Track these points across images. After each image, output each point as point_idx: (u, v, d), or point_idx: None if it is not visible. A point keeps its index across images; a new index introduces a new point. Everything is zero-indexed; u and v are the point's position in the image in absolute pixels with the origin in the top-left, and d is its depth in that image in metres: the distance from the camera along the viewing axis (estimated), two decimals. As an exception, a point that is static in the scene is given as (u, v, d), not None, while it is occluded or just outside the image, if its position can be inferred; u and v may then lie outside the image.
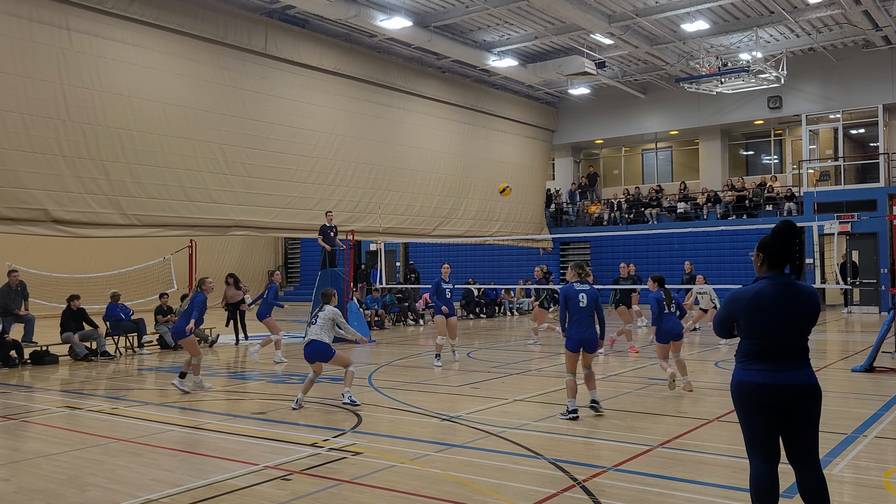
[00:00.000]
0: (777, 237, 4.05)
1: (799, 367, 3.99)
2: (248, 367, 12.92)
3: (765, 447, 4.01)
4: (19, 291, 14.02)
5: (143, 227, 16.24)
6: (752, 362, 4.03)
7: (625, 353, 13.65)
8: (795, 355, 4.00)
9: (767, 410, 3.98)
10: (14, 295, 13.87)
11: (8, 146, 13.94)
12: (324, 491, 5.39)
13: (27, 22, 14.34)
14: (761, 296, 4.00)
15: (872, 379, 10.36)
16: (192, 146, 17.08)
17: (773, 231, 4.09)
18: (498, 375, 11.21)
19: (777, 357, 3.98)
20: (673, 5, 19.78)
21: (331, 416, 8.23)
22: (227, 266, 33.16)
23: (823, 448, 6.44)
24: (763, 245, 4.08)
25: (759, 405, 3.99)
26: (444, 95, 24.48)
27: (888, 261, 22.40)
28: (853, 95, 24.80)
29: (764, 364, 3.99)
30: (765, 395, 3.96)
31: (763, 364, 3.99)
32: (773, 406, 3.98)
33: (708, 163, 29.37)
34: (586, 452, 6.51)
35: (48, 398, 9.89)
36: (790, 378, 3.95)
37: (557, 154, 32.62)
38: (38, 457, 6.53)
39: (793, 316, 3.98)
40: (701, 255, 26.47)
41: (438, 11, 20.30)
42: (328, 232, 17.20)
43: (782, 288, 4.00)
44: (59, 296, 18.60)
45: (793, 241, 4.04)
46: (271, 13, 19.13)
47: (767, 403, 3.97)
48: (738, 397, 4.07)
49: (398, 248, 32.52)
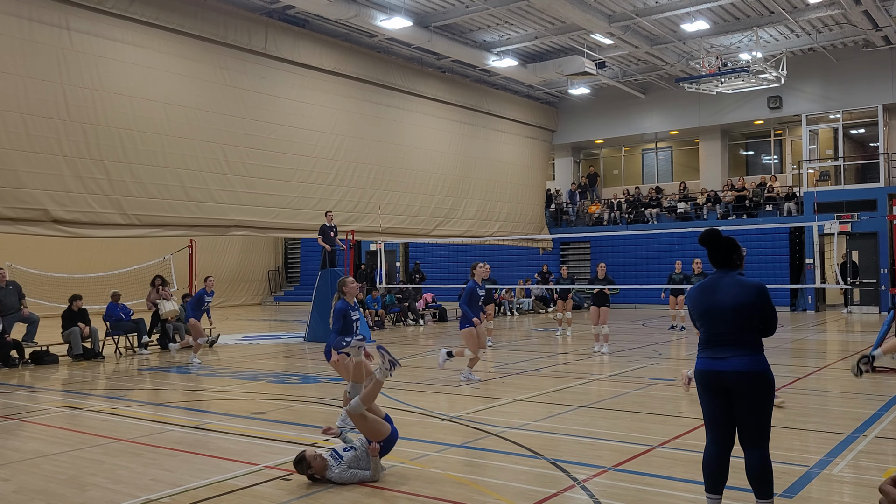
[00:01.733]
0: (703, 244, 4.59)
1: (734, 355, 4.32)
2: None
3: (713, 429, 4.46)
4: (11, 290, 13.88)
5: (144, 227, 16.24)
6: (700, 350, 4.51)
7: (619, 354, 13.66)
8: (730, 343, 4.35)
9: (713, 395, 4.41)
10: (4, 293, 13.73)
11: (8, 146, 13.94)
12: (324, 491, 5.40)
13: (27, 22, 14.33)
14: (700, 290, 4.54)
15: (872, 379, 10.35)
16: (193, 146, 17.08)
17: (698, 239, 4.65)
18: (498, 375, 11.20)
19: (714, 345, 4.40)
20: (673, 5, 19.78)
21: (331, 417, 8.23)
22: (227, 266, 33.28)
23: (824, 448, 6.44)
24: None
25: (705, 390, 4.45)
26: (444, 95, 24.48)
27: (888, 261, 22.41)
28: (853, 95, 24.80)
29: (706, 352, 4.45)
30: (707, 381, 4.42)
31: (705, 352, 4.45)
32: (716, 391, 4.39)
33: (708, 163, 29.37)
34: (586, 452, 6.51)
35: (48, 398, 9.89)
36: (725, 365, 4.32)
37: (557, 154, 32.62)
38: (38, 457, 6.53)
39: (723, 307, 4.37)
40: (701, 255, 26.45)
41: (438, 11, 20.30)
42: (328, 232, 17.20)
43: (718, 283, 4.48)
44: (59, 296, 18.63)
45: (714, 244, 4.52)
46: (271, 13, 19.12)
47: (710, 388, 4.41)
48: (696, 381, 4.56)
49: (398, 248, 32.52)
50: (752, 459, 4.35)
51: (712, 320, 4.41)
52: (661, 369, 11.74)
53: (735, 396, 4.33)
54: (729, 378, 4.31)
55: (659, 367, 11.95)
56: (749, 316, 4.34)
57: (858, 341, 15.18)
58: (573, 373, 11.53)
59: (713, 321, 4.40)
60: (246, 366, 12.96)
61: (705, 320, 4.45)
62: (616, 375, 10.93)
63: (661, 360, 12.95)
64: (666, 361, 12.77)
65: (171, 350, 14.78)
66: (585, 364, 12.43)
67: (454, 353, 10.71)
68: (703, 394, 4.48)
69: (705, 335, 4.46)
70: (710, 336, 4.43)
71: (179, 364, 13.41)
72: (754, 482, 4.36)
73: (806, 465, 5.86)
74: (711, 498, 4.48)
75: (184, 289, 18.58)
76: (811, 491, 5.28)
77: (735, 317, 4.34)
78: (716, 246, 4.53)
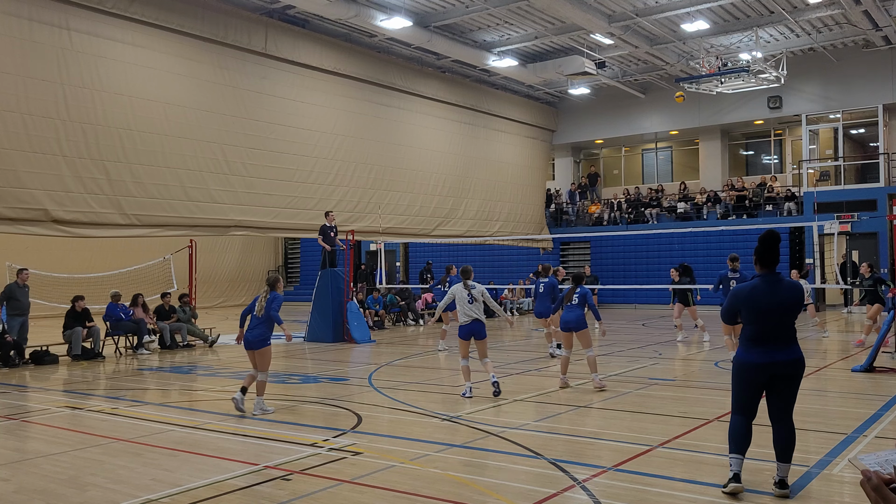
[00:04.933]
0: (763, 243, 5.11)
1: (788, 346, 5.06)
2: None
3: (747, 407, 5.17)
4: (26, 291, 13.93)
5: (143, 227, 16.23)
6: (753, 345, 5.07)
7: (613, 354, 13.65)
8: (784, 337, 5.06)
9: (757, 383, 5.08)
10: (21, 293, 13.78)
11: (8, 146, 13.94)
12: (324, 491, 5.39)
13: (27, 22, 14.33)
14: (756, 291, 5.07)
15: (872, 379, 10.35)
16: (193, 146, 17.08)
17: (759, 238, 5.17)
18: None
19: (771, 340, 5.04)
20: (673, 5, 19.78)
21: (331, 416, 8.23)
22: (227, 266, 33.28)
23: (824, 448, 6.45)
24: (755, 250, 5.16)
25: (753, 379, 5.08)
26: (444, 95, 24.48)
27: (888, 261, 22.40)
28: (853, 95, 24.80)
29: (762, 347, 5.04)
30: (762, 373, 5.04)
31: (762, 347, 5.04)
32: (763, 379, 5.06)
33: (708, 163, 29.37)
34: (586, 452, 6.51)
35: (48, 398, 9.89)
36: (781, 356, 5.02)
37: (557, 154, 32.61)
38: (38, 457, 6.53)
39: (779, 306, 5.02)
40: (701, 255, 26.48)
41: (438, 11, 20.30)
42: (328, 232, 17.19)
43: (771, 284, 5.08)
44: (59, 296, 18.65)
45: (775, 246, 5.11)
46: (271, 13, 19.12)
47: (759, 377, 5.06)
48: (739, 372, 5.17)
49: (398, 248, 32.51)
50: (785, 430, 5.10)
51: (772, 317, 5.01)
52: (661, 369, 11.74)
53: (781, 380, 5.04)
54: (783, 366, 5.00)
55: (659, 367, 11.95)
56: (797, 312, 5.12)
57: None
58: (573, 373, 11.54)
59: (773, 318, 5.02)
60: (246, 366, 12.88)
61: (763, 318, 5.02)
62: (616, 375, 10.93)
63: (661, 360, 12.95)
64: (666, 361, 12.77)
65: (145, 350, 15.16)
66: (585, 364, 12.42)
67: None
68: (749, 382, 5.09)
69: (760, 331, 5.03)
70: (766, 331, 5.03)
71: (180, 364, 13.41)
72: (784, 450, 5.07)
73: (806, 465, 5.86)
74: (736, 457, 5.13)
75: (183, 289, 18.58)
76: (811, 491, 5.28)
77: (792, 314, 5.07)
78: (776, 247, 5.10)
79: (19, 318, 13.62)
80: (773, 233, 5.12)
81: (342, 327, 16.72)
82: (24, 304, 13.73)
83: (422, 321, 22.25)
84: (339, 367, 12.85)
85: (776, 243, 5.10)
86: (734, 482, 5.07)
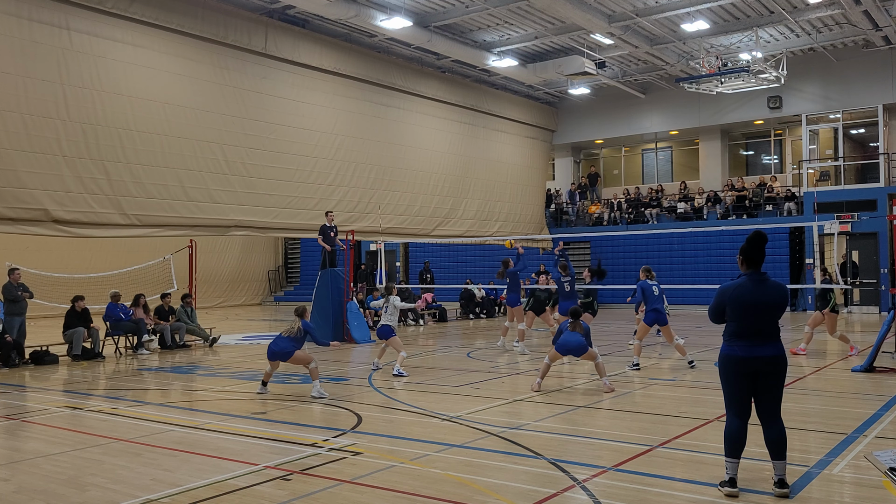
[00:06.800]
0: (749, 243, 5.26)
1: (771, 342, 5.18)
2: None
3: (739, 406, 5.22)
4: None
5: (143, 227, 16.23)
6: (735, 340, 5.21)
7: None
8: (768, 334, 5.18)
9: (745, 377, 5.17)
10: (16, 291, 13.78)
11: (8, 146, 13.93)
12: (324, 491, 5.39)
13: (27, 22, 14.33)
14: (742, 289, 5.21)
15: (872, 379, 10.36)
16: (193, 146, 17.07)
17: (747, 238, 5.30)
18: (498, 375, 11.21)
19: (755, 336, 5.15)
20: (673, 5, 19.78)
21: (331, 417, 8.24)
22: (227, 266, 33.28)
23: (824, 448, 6.45)
24: (742, 250, 5.30)
25: (740, 374, 5.17)
26: (444, 95, 24.47)
27: (888, 261, 22.40)
28: (853, 95, 24.79)
29: (745, 341, 5.16)
30: (746, 366, 5.15)
31: (744, 342, 5.16)
32: (747, 375, 5.16)
33: (708, 163, 29.36)
34: (586, 452, 6.51)
35: (48, 398, 9.89)
36: (764, 351, 5.14)
37: (557, 154, 32.60)
38: (38, 457, 6.53)
39: (764, 304, 5.17)
40: (701, 255, 26.49)
41: (438, 11, 20.30)
42: (328, 232, 17.19)
43: (757, 283, 5.22)
44: (59, 296, 18.61)
45: (762, 245, 5.25)
46: (271, 13, 19.12)
47: (746, 372, 5.15)
48: (724, 367, 5.28)
49: (398, 248, 32.51)
50: (775, 429, 5.17)
51: (757, 315, 5.15)
52: (661, 369, 11.74)
53: (764, 377, 5.14)
54: (765, 362, 5.12)
55: (659, 367, 11.96)
56: (781, 311, 5.24)
57: (858, 341, 15.16)
58: (577, 373, 11.54)
59: (757, 316, 5.15)
60: (246, 366, 12.95)
61: (748, 315, 5.15)
62: (616, 375, 10.92)
63: (661, 360, 12.95)
64: (666, 361, 12.77)
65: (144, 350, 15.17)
66: (584, 364, 12.42)
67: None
68: (735, 378, 5.20)
69: (744, 327, 5.16)
70: (749, 328, 5.15)
71: (180, 364, 13.42)
72: (777, 447, 5.14)
73: (806, 465, 5.86)
74: (732, 461, 5.20)
75: (183, 289, 18.57)
76: (811, 491, 5.28)
77: (776, 312, 5.20)
78: (762, 247, 5.26)
79: (18, 318, 13.62)
80: (761, 233, 5.28)
81: (342, 327, 16.73)
82: (21, 303, 13.71)
83: (422, 321, 22.24)
84: (339, 367, 12.85)
85: (763, 243, 5.26)
86: (729, 486, 5.14)
